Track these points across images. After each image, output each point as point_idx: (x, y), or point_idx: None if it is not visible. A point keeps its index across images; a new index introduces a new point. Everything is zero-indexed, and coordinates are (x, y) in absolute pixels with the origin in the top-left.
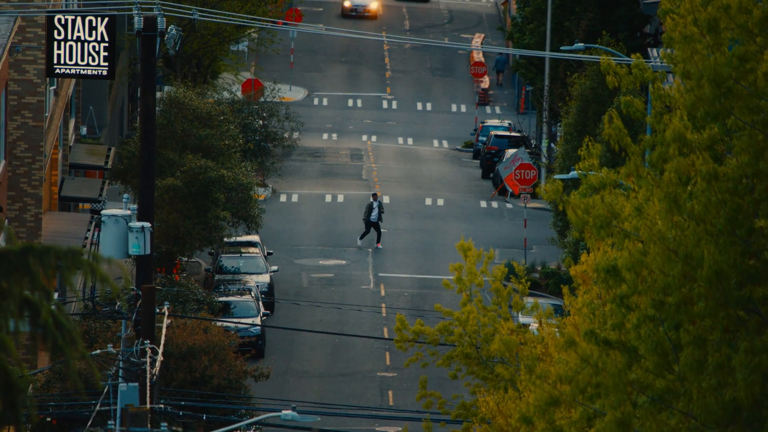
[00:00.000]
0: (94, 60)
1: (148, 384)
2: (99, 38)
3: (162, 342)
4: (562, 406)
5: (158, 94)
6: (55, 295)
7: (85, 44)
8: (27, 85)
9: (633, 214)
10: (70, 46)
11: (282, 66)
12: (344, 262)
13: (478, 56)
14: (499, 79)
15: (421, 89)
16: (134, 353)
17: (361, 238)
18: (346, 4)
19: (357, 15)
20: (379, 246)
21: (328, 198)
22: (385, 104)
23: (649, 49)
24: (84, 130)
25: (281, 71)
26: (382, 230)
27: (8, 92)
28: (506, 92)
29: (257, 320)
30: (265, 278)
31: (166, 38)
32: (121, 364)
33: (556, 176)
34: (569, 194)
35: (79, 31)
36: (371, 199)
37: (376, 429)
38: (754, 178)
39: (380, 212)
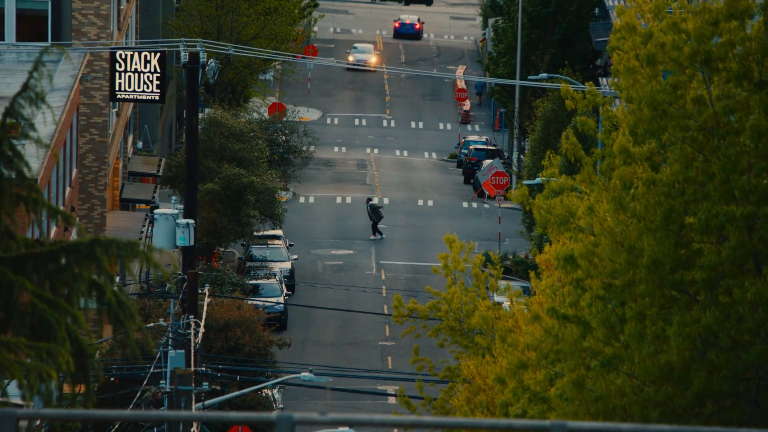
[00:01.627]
0: (148, 87)
1: (192, 351)
2: (152, 70)
3: (203, 317)
4: (529, 369)
5: (200, 115)
6: (117, 279)
7: (141, 75)
8: (94, 108)
9: (586, 213)
10: (129, 76)
11: (301, 92)
12: (352, 251)
13: (461, 84)
14: (479, 99)
15: (414, 111)
16: (181, 326)
17: (378, 234)
18: (350, 58)
19: (359, 68)
20: (373, 238)
21: (339, 200)
22: (385, 123)
23: (600, 78)
24: (140, 144)
25: (300, 96)
26: (380, 225)
27: (79, 114)
28: (484, 113)
29: (281, 299)
30: (287, 265)
31: (206, 69)
32: (170, 335)
33: (524, 182)
34: (535, 197)
35: (136, 64)
36: (372, 201)
37: (378, 387)
38: (685, 183)
39: (372, 213)
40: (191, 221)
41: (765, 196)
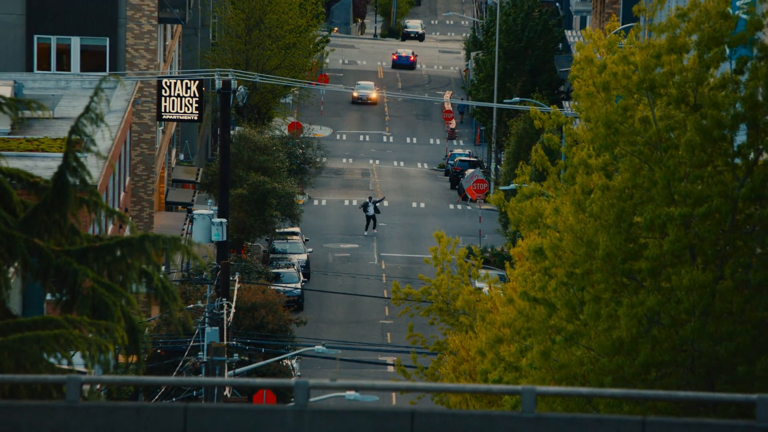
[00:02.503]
0: (188, 109)
1: (225, 328)
2: (192, 94)
3: (234, 300)
4: (504, 343)
5: (231, 132)
6: (163, 268)
7: (183, 98)
8: (144, 126)
9: (552, 214)
10: (173, 100)
11: (315, 113)
12: (357, 245)
13: (447, 106)
14: (462, 118)
15: (409, 128)
16: (215, 307)
17: (366, 230)
18: (354, 94)
19: (362, 102)
20: (375, 231)
21: (346, 202)
22: (384, 139)
23: (563, 101)
24: (182, 157)
25: (314, 116)
26: (380, 224)
27: (131, 131)
28: (467, 130)
29: (298, 285)
30: (304, 257)
31: (237, 94)
32: (206, 315)
33: (501, 188)
34: (509, 200)
35: (178, 90)
36: (366, 200)
37: (379, 359)
38: (633, 189)
39: (375, 209)
40: (224, 220)
41: (699, 199)
